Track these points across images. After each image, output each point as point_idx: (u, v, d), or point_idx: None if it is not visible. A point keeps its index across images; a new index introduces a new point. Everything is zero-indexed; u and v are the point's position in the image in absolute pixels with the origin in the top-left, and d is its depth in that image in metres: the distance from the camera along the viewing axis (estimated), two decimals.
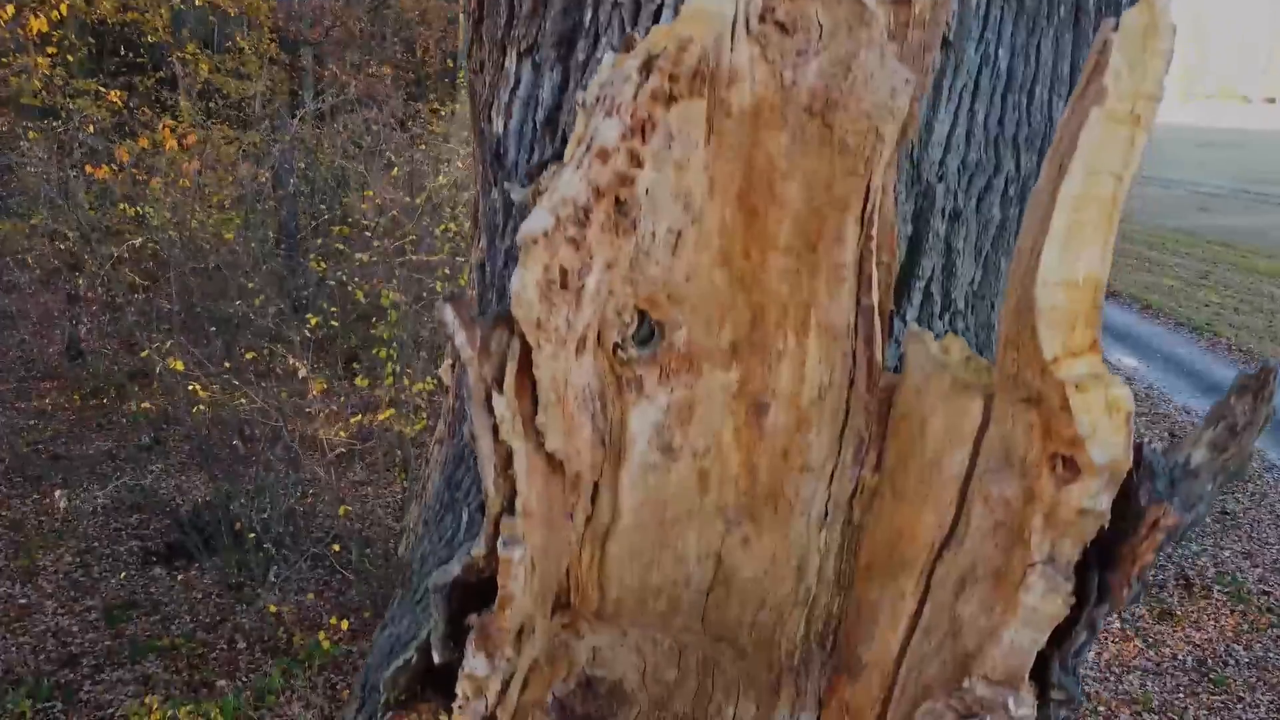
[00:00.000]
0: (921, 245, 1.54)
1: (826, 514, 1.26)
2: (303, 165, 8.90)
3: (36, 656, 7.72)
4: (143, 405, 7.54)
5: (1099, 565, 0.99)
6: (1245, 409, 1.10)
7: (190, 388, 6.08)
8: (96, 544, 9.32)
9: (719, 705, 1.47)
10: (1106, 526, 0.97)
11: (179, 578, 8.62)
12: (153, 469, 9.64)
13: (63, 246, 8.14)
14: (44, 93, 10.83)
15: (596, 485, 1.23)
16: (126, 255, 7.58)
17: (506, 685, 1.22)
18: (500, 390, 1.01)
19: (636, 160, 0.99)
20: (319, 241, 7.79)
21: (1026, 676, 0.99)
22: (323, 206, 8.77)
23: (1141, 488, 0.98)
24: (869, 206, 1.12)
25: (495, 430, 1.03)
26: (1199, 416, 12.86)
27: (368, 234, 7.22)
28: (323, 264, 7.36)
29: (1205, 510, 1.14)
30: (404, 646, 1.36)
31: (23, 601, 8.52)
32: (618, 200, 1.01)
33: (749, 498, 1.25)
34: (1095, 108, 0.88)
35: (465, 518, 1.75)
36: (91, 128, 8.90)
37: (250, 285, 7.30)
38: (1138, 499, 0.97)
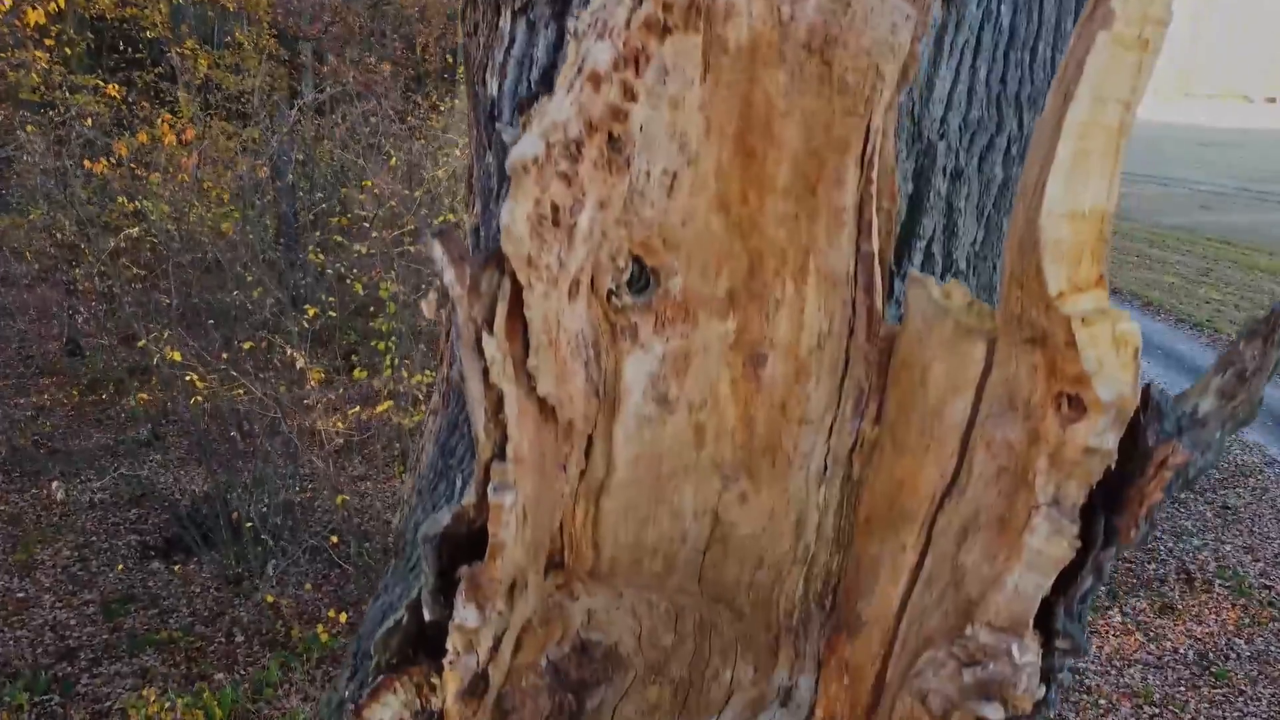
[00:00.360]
0: (923, 204, 1.52)
1: (826, 468, 1.23)
2: (301, 158, 8.86)
3: (34, 650, 7.71)
4: (140, 396, 7.50)
5: (1105, 510, 0.96)
6: (1254, 354, 1.07)
7: (188, 378, 6.04)
8: (94, 538, 9.32)
9: (716, 669, 1.45)
10: (1113, 467, 0.94)
11: (177, 571, 8.60)
12: (151, 459, 9.62)
13: (60, 236, 8.10)
14: (43, 87, 10.81)
15: (591, 438, 1.20)
16: (124, 245, 7.56)
17: (498, 643, 1.19)
18: (490, 331, 0.99)
19: (630, 93, 0.97)
20: (317, 234, 7.75)
21: (1031, 623, 0.96)
22: (320, 196, 8.72)
23: (1149, 429, 0.95)
24: (869, 149, 1.09)
25: (485, 374, 1.01)
26: None
27: (366, 225, 7.17)
28: (321, 256, 7.32)
29: (1214, 459, 1.11)
30: (396, 610, 1.33)
31: (20, 595, 8.51)
32: (611, 136, 0.99)
33: (746, 452, 1.23)
34: (1103, 31, 0.85)
35: (459, 484, 1.72)
36: (89, 121, 8.87)
37: (248, 277, 7.27)
38: (1145, 440, 0.95)
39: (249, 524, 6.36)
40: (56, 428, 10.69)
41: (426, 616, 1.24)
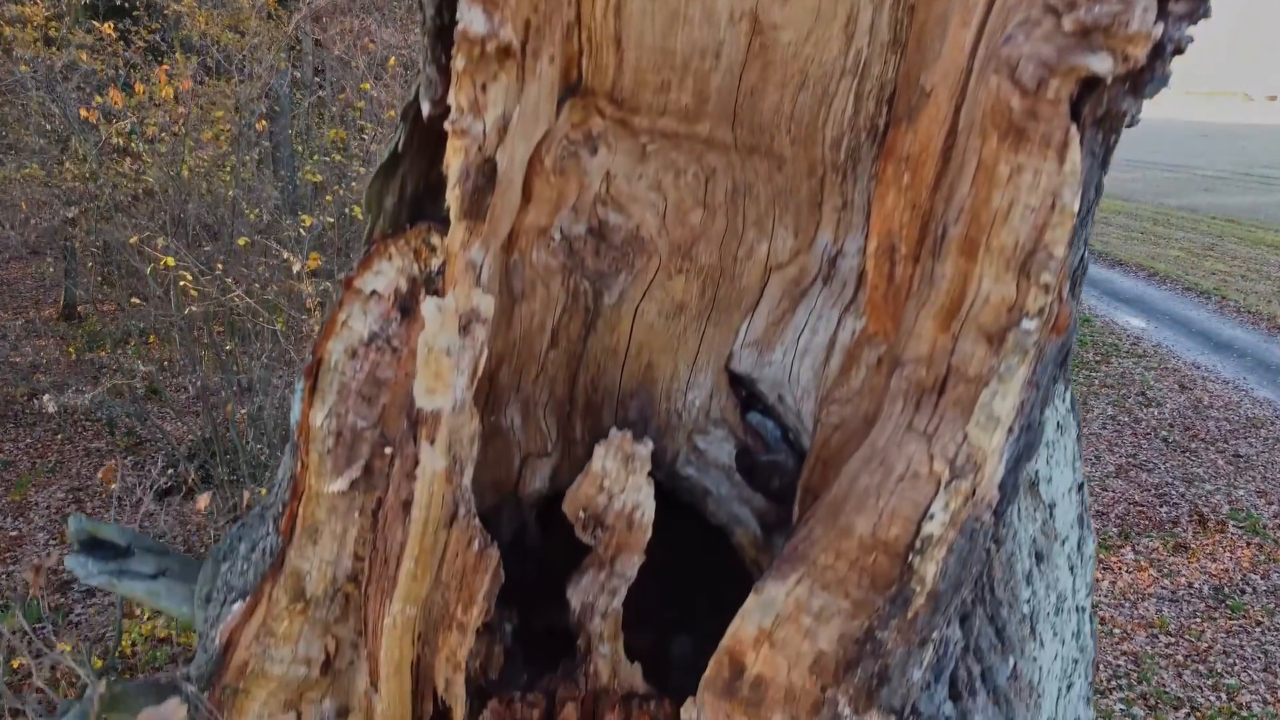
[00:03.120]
0: None
1: None
2: (297, 74, 8.68)
3: (26, 582, 7.60)
4: (133, 302, 7.28)
5: None
6: None
7: (180, 284, 5.88)
8: (89, 483, 9.22)
9: (750, 246, 1.30)
10: None
11: (175, 511, 8.49)
12: (150, 412, 9.49)
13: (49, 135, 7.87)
14: (39, 42, 10.68)
15: None
16: (114, 146, 7.42)
17: (507, 124, 1.04)
18: None
19: None
20: (314, 158, 7.59)
21: None
22: (322, 92, 8.49)
23: None
24: None
25: None
26: (1208, 371, 12.73)
27: (365, 137, 7.04)
28: (318, 176, 7.16)
29: None
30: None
31: (13, 534, 8.42)
32: None
33: None
34: None
35: None
36: (85, 57, 8.75)
37: (245, 180, 7.06)
38: None
39: (240, 411, 6.14)
40: (55, 384, 10.58)
41: (424, 110, 1.10)
